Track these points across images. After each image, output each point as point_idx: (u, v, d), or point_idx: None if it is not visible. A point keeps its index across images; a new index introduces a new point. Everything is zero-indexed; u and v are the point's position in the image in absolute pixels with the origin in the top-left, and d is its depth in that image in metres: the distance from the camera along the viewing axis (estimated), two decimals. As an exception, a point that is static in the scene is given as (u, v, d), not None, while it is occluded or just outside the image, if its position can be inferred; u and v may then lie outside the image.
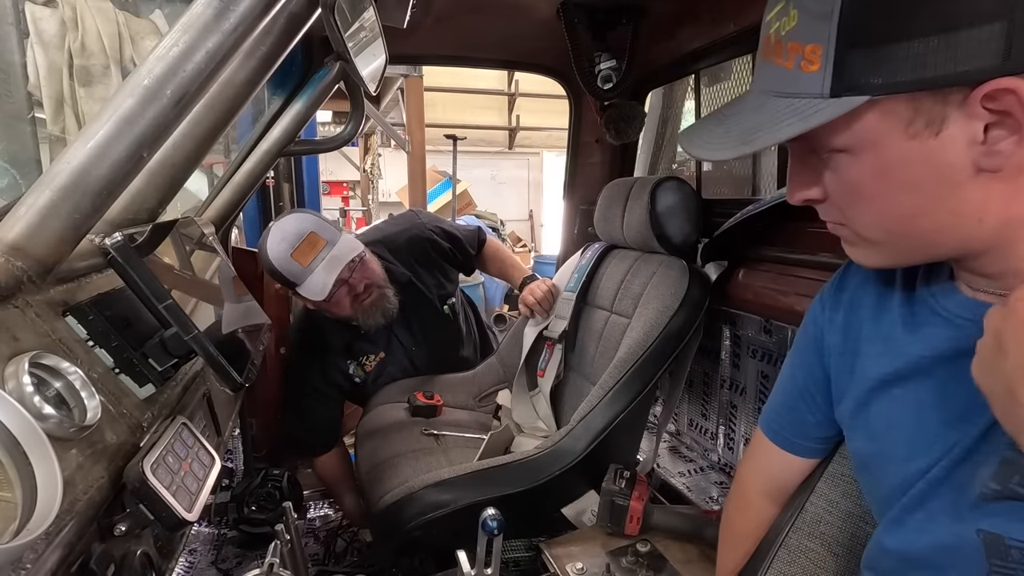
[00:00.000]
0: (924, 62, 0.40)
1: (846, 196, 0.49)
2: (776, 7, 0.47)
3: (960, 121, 0.41)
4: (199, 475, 0.67)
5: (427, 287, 1.78)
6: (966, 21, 0.39)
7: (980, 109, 0.40)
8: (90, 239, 0.70)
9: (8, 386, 0.46)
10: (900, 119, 0.43)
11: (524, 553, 1.24)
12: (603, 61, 1.48)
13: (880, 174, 0.46)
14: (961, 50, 0.39)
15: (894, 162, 0.44)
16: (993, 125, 0.41)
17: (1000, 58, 0.39)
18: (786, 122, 0.45)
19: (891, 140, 0.44)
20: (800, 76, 0.45)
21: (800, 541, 0.76)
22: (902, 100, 0.42)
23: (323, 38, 1.10)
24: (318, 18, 0.80)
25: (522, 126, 9.07)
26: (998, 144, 0.41)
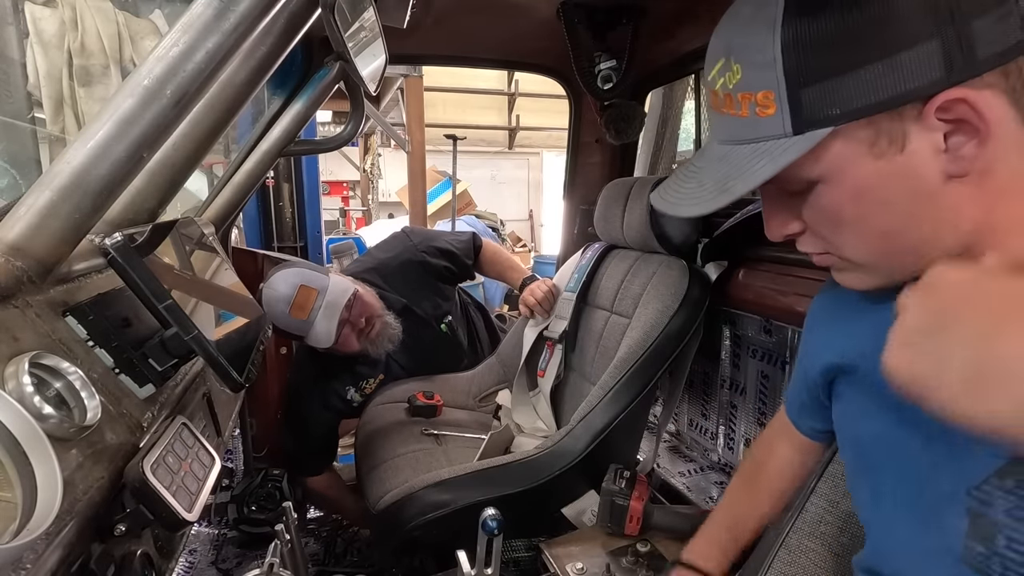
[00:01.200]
0: (874, 87, 0.42)
1: (827, 224, 0.50)
2: (716, 65, 0.49)
3: (921, 134, 0.43)
4: (199, 475, 0.67)
5: (423, 310, 1.79)
6: (903, 45, 0.41)
7: (936, 120, 0.42)
8: (90, 239, 0.70)
9: (8, 386, 0.46)
10: (864, 142, 0.44)
11: (524, 553, 1.24)
12: (603, 61, 1.48)
13: (856, 196, 0.47)
14: (905, 70, 0.41)
15: (867, 183, 0.46)
16: (952, 133, 0.43)
17: (943, 71, 0.41)
18: (758, 165, 0.46)
19: (860, 163, 0.45)
20: (758, 121, 0.46)
21: (800, 541, 0.77)
22: (862, 124, 0.43)
23: (323, 38, 1.10)
24: (318, 18, 0.80)
25: (522, 126, 9.07)
26: (960, 149, 0.43)
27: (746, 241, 1.39)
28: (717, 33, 0.50)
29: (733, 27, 0.48)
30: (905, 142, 0.43)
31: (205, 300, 0.91)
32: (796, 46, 0.43)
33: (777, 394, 1.47)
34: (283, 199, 2.89)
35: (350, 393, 1.74)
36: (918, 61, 0.41)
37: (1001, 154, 0.43)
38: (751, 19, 0.46)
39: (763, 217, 0.54)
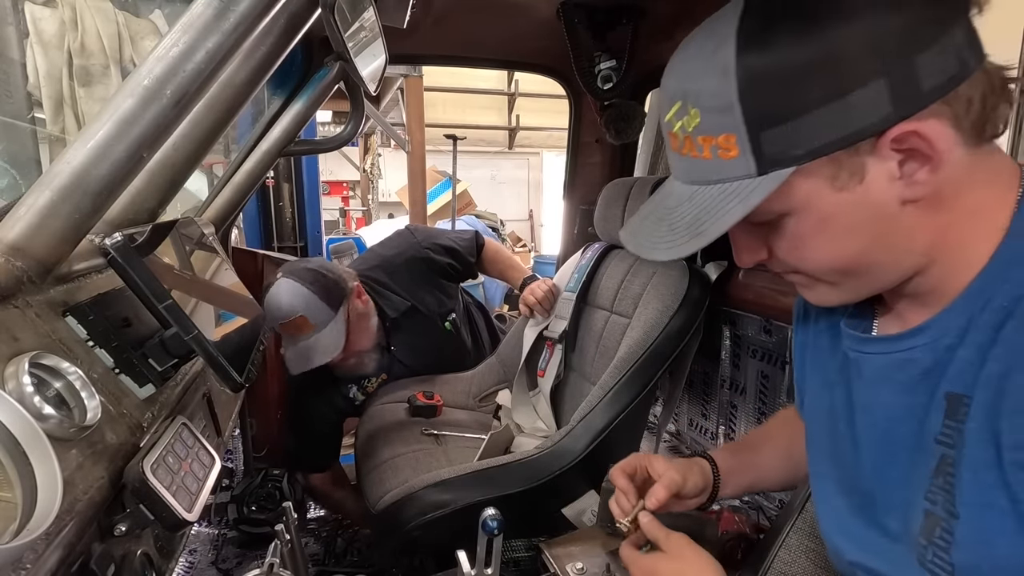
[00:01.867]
0: (831, 125, 0.44)
1: (794, 251, 0.52)
2: (673, 108, 0.50)
3: (877, 165, 0.46)
4: (199, 475, 0.67)
5: (427, 307, 1.79)
6: (854, 85, 0.43)
7: (890, 151, 0.45)
8: (90, 239, 0.70)
9: (8, 386, 0.46)
10: (826, 177, 0.47)
11: (524, 553, 1.24)
12: (603, 61, 1.48)
13: (822, 226, 0.49)
14: (858, 108, 0.43)
15: (832, 213, 0.48)
16: (905, 160, 0.45)
17: (892, 106, 0.43)
18: (729, 206, 0.48)
19: (824, 196, 0.47)
20: (722, 163, 0.48)
21: (800, 541, 0.77)
22: (823, 161, 0.46)
23: (323, 38, 1.10)
24: (318, 18, 0.80)
25: (522, 126, 9.07)
26: (914, 175, 0.46)
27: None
28: (670, 75, 0.51)
29: (686, 71, 0.50)
30: (864, 173, 0.46)
31: (205, 300, 0.91)
32: (752, 90, 0.45)
33: (777, 394, 1.47)
34: (283, 199, 2.89)
35: (352, 391, 1.75)
36: (869, 99, 0.43)
37: (951, 177, 0.46)
38: (704, 64, 0.47)
39: (732, 245, 0.57)
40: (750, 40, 0.45)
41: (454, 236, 1.89)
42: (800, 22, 0.44)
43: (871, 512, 0.57)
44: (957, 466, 0.47)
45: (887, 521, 0.55)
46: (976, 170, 0.47)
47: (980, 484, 0.46)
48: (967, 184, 0.47)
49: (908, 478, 0.52)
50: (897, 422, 0.53)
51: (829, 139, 0.44)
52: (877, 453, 0.56)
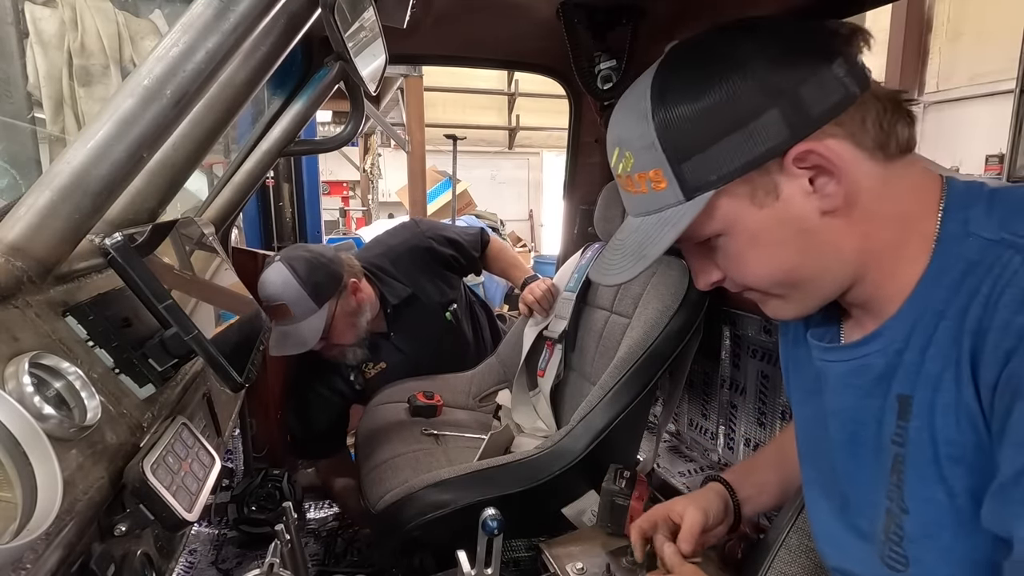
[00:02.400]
0: (738, 152, 0.51)
1: (736, 268, 0.58)
2: (614, 154, 0.59)
3: (788, 181, 0.52)
4: (199, 475, 0.67)
5: (428, 296, 1.80)
6: (750, 117, 0.50)
7: (797, 169, 0.51)
8: (90, 239, 0.70)
9: (8, 386, 0.46)
10: (745, 197, 0.53)
11: (524, 553, 1.24)
12: (603, 61, 1.48)
13: (752, 242, 0.55)
14: (758, 136, 0.50)
15: (758, 229, 0.54)
16: (815, 176, 0.52)
17: (788, 131, 0.50)
18: (664, 232, 0.55)
19: (747, 214, 0.54)
20: (656, 195, 0.55)
21: (801, 541, 0.77)
22: (739, 183, 0.52)
23: (323, 38, 1.10)
24: (318, 18, 0.80)
25: (522, 126, 9.08)
26: (825, 188, 0.52)
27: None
28: (611, 127, 0.60)
29: (618, 122, 0.58)
30: (779, 191, 0.52)
31: (205, 300, 0.91)
32: (666, 131, 0.52)
33: (777, 394, 1.47)
34: (283, 199, 2.89)
35: (352, 374, 1.76)
36: (766, 127, 0.50)
37: (865, 188, 0.52)
38: (629, 114, 0.56)
39: (691, 271, 0.65)
40: (661, 91, 0.53)
41: (459, 231, 1.92)
42: (698, 72, 0.52)
43: (847, 515, 0.60)
44: (905, 463, 0.51)
45: (860, 522, 0.58)
46: (893, 182, 0.52)
47: (923, 479, 0.50)
48: (885, 195, 0.52)
49: (874, 479, 0.55)
50: (860, 425, 0.57)
51: (738, 163, 0.51)
52: (847, 456, 0.59)
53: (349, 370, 1.75)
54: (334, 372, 1.73)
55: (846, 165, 0.51)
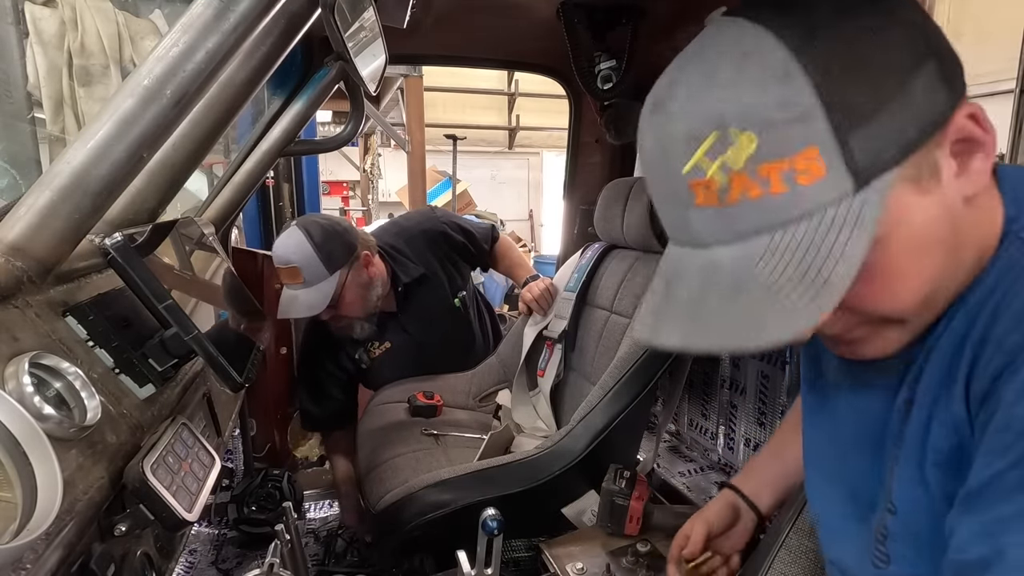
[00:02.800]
0: (910, 116, 0.38)
1: (884, 291, 0.42)
2: (702, 147, 0.39)
3: (944, 160, 0.40)
4: (199, 475, 0.67)
5: (439, 280, 1.82)
6: (911, 70, 0.38)
7: (951, 144, 0.40)
8: (90, 239, 0.70)
9: (8, 386, 0.46)
10: (911, 180, 0.39)
11: (524, 553, 1.24)
12: (603, 61, 1.48)
13: (913, 244, 0.41)
14: (921, 97, 0.38)
15: (924, 225, 0.41)
16: (962, 152, 0.41)
17: (947, 91, 0.39)
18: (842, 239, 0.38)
19: (913, 205, 0.40)
20: (801, 192, 0.38)
21: (800, 541, 0.77)
22: (909, 162, 0.39)
23: (323, 38, 1.10)
24: (318, 18, 0.80)
25: (522, 126, 9.07)
26: (970, 166, 0.41)
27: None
28: (681, 113, 0.41)
29: (717, 92, 0.39)
30: (939, 171, 0.40)
31: (205, 300, 0.91)
32: (833, 86, 0.37)
33: (777, 394, 1.47)
34: (283, 199, 2.89)
35: (358, 353, 1.78)
36: (927, 86, 0.38)
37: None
38: (748, 76, 0.38)
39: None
40: (809, 31, 0.38)
41: (472, 222, 1.95)
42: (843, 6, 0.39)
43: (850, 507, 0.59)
44: (897, 464, 0.50)
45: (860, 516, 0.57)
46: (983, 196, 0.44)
47: (910, 481, 0.48)
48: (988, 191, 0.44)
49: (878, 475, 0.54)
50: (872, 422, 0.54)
51: (914, 132, 0.38)
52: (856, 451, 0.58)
53: (354, 348, 1.76)
54: (339, 350, 1.76)
55: (994, 133, 0.41)
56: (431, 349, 1.85)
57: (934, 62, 0.39)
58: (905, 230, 0.40)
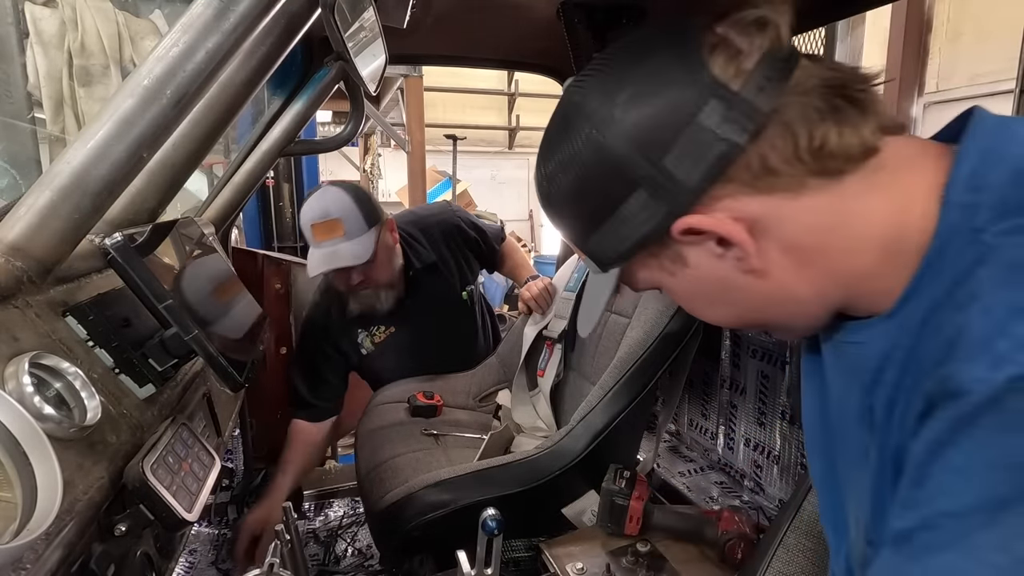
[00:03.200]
0: (621, 235, 0.47)
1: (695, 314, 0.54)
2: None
3: (692, 249, 0.46)
4: (199, 475, 0.67)
5: (450, 271, 1.84)
6: (619, 200, 0.45)
7: (691, 238, 0.45)
8: (90, 239, 0.70)
9: (8, 386, 0.46)
10: (655, 267, 0.49)
11: (524, 553, 1.24)
12: (603, 61, 1.47)
13: (685, 298, 0.52)
14: (632, 221, 0.46)
15: (683, 290, 0.51)
16: (718, 245, 0.45)
17: (666, 208, 0.44)
18: (601, 291, 0.55)
19: (665, 279, 0.50)
20: (589, 263, 0.54)
21: (799, 540, 0.77)
22: (644, 256, 0.49)
23: (323, 38, 1.10)
24: (318, 18, 0.80)
25: (522, 126, 9.07)
26: (730, 254, 0.45)
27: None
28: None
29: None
30: (685, 259, 0.47)
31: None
32: (557, 219, 0.53)
33: (777, 394, 1.47)
34: (283, 199, 2.90)
35: (360, 336, 1.77)
36: (635, 212, 0.45)
37: (795, 229, 0.43)
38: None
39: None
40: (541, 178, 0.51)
41: (484, 222, 1.98)
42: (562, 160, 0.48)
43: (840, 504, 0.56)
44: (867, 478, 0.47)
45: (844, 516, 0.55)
46: (859, 197, 0.43)
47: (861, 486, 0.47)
48: (847, 219, 0.43)
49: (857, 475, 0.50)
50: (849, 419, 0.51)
51: (626, 246, 0.48)
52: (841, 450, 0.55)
53: (357, 332, 1.76)
54: (342, 334, 1.75)
55: (752, 224, 0.43)
56: (435, 339, 1.85)
57: (643, 191, 0.44)
58: (670, 289, 0.52)
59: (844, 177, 0.42)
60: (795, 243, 0.44)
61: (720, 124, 0.41)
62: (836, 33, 4.02)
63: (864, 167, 0.42)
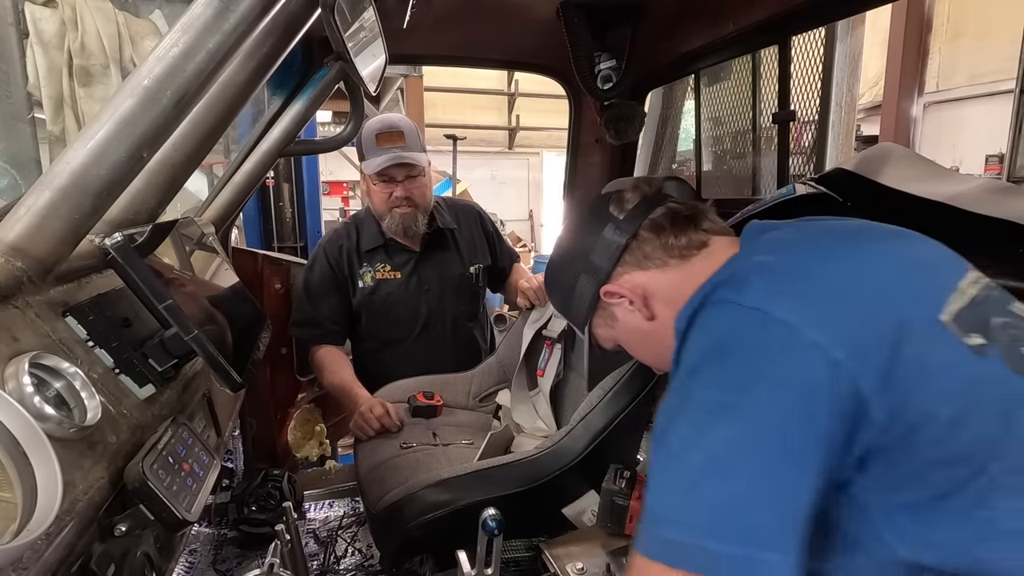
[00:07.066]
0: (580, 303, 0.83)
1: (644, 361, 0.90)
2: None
3: (617, 308, 0.80)
4: (199, 475, 0.67)
5: (464, 241, 1.93)
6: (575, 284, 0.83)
7: (614, 300, 0.79)
8: (90, 239, 0.70)
9: (8, 386, 0.46)
10: (603, 324, 0.85)
11: (524, 553, 1.24)
12: (603, 61, 1.47)
13: (629, 347, 0.86)
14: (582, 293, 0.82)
15: (623, 340, 0.85)
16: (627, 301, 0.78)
17: (595, 282, 0.80)
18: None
19: (609, 333, 0.85)
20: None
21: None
22: (596, 320, 0.85)
23: (323, 38, 1.10)
24: (318, 18, 0.80)
25: (522, 126, 9.07)
26: (633, 307, 0.78)
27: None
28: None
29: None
30: (615, 316, 0.81)
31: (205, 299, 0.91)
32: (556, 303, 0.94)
33: (777, 394, 1.46)
34: (283, 199, 2.89)
35: (363, 270, 1.84)
36: (583, 287, 0.82)
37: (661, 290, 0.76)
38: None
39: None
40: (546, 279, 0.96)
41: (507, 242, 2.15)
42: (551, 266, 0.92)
43: None
44: None
45: None
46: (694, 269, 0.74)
47: None
48: (686, 282, 0.72)
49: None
50: None
51: (584, 309, 0.83)
52: None
53: (364, 265, 1.84)
54: (348, 260, 1.83)
55: (640, 288, 0.77)
56: (432, 302, 1.88)
57: (584, 276, 0.81)
58: (618, 339, 0.85)
59: (691, 258, 0.75)
60: (667, 297, 0.75)
61: (612, 234, 0.78)
62: (836, 33, 4.02)
63: (701, 252, 0.75)
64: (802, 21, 1.29)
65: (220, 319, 0.95)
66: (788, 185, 1.19)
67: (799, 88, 1.88)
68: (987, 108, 5.72)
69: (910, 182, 0.96)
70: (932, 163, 1.02)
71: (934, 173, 0.99)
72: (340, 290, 1.83)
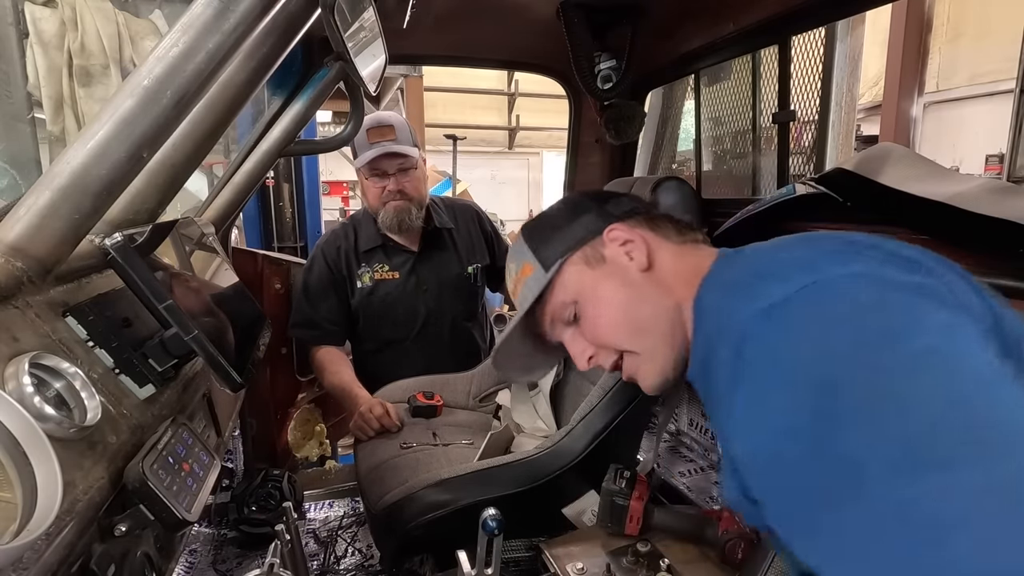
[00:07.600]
0: (569, 239, 0.79)
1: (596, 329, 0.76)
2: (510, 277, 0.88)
3: (610, 248, 0.77)
4: (199, 475, 0.67)
5: (459, 244, 1.93)
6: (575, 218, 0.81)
7: (612, 242, 0.76)
8: (90, 239, 0.70)
9: (8, 387, 0.46)
10: (581, 264, 0.77)
11: (524, 553, 1.24)
12: (603, 61, 1.48)
13: (595, 298, 0.76)
14: (580, 227, 0.79)
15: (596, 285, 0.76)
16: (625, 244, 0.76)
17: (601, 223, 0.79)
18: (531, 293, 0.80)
19: (586, 274, 0.77)
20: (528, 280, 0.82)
21: (800, 541, 0.76)
22: (576, 255, 0.78)
23: (323, 38, 1.09)
24: (318, 18, 0.80)
25: (522, 126, 9.08)
26: (633, 253, 0.75)
27: (745, 241, 1.39)
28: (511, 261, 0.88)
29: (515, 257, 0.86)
30: (603, 257, 0.77)
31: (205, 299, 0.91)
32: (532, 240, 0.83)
33: (777, 394, 1.46)
34: (283, 199, 2.90)
35: (362, 270, 1.84)
36: (583, 224, 0.79)
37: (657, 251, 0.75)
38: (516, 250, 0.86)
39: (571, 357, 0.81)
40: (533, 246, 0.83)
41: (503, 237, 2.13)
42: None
43: None
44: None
45: None
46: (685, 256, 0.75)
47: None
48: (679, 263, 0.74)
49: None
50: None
51: (571, 243, 0.78)
52: None
53: (363, 265, 1.85)
54: (347, 260, 1.84)
55: (642, 236, 0.76)
56: (431, 302, 1.88)
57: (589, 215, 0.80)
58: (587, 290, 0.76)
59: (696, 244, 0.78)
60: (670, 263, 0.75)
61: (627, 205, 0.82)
62: (836, 33, 4.02)
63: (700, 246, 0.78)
64: (802, 21, 1.29)
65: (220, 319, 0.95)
66: (788, 185, 1.19)
67: (799, 88, 1.88)
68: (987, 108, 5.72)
69: (910, 182, 0.96)
70: (932, 163, 1.02)
71: (934, 173, 0.99)
72: (339, 291, 1.83)
